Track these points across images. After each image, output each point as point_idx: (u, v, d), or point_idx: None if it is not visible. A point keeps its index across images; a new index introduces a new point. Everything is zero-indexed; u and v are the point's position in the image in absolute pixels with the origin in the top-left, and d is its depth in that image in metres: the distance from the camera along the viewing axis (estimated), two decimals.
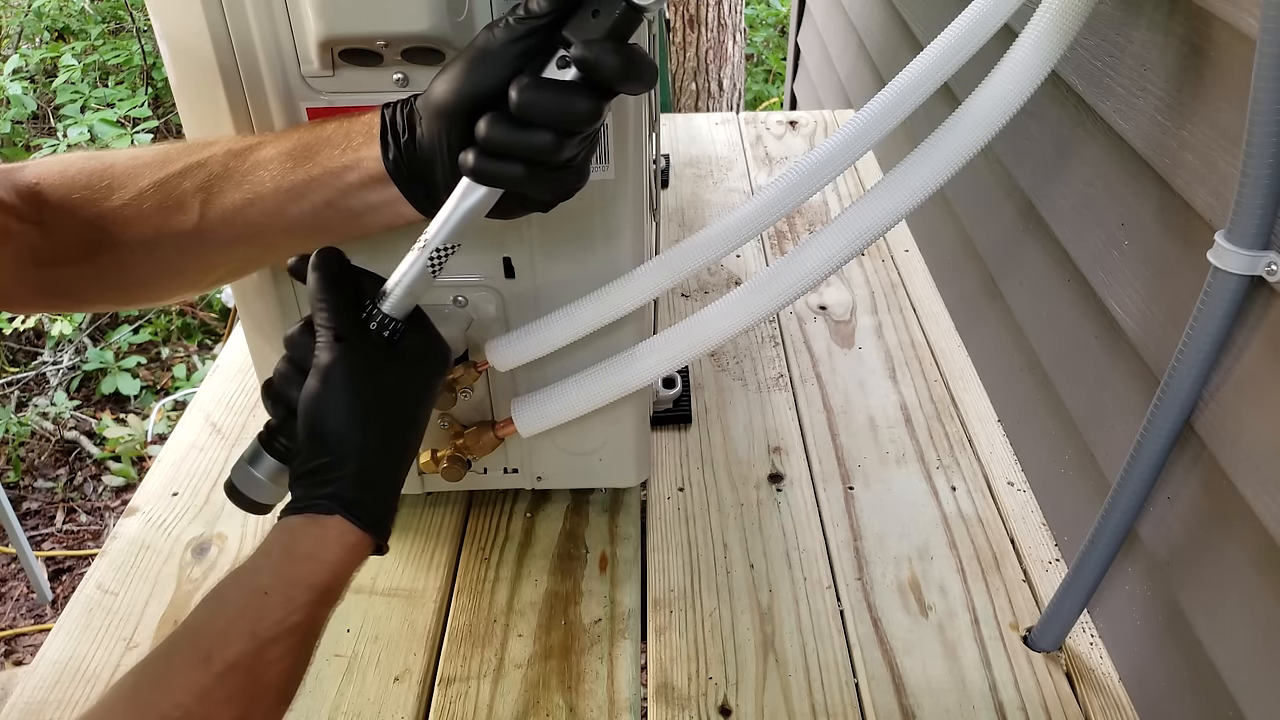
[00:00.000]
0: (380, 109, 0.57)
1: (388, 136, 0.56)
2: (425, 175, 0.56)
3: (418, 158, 0.56)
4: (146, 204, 0.57)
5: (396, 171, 0.56)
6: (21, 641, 1.92)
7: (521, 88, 0.51)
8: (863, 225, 0.66)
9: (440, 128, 0.54)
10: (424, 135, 0.55)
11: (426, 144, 0.55)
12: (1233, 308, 0.55)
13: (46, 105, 3.22)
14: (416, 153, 0.56)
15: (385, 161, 0.56)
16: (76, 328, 2.57)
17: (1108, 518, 0.66)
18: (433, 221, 0.57)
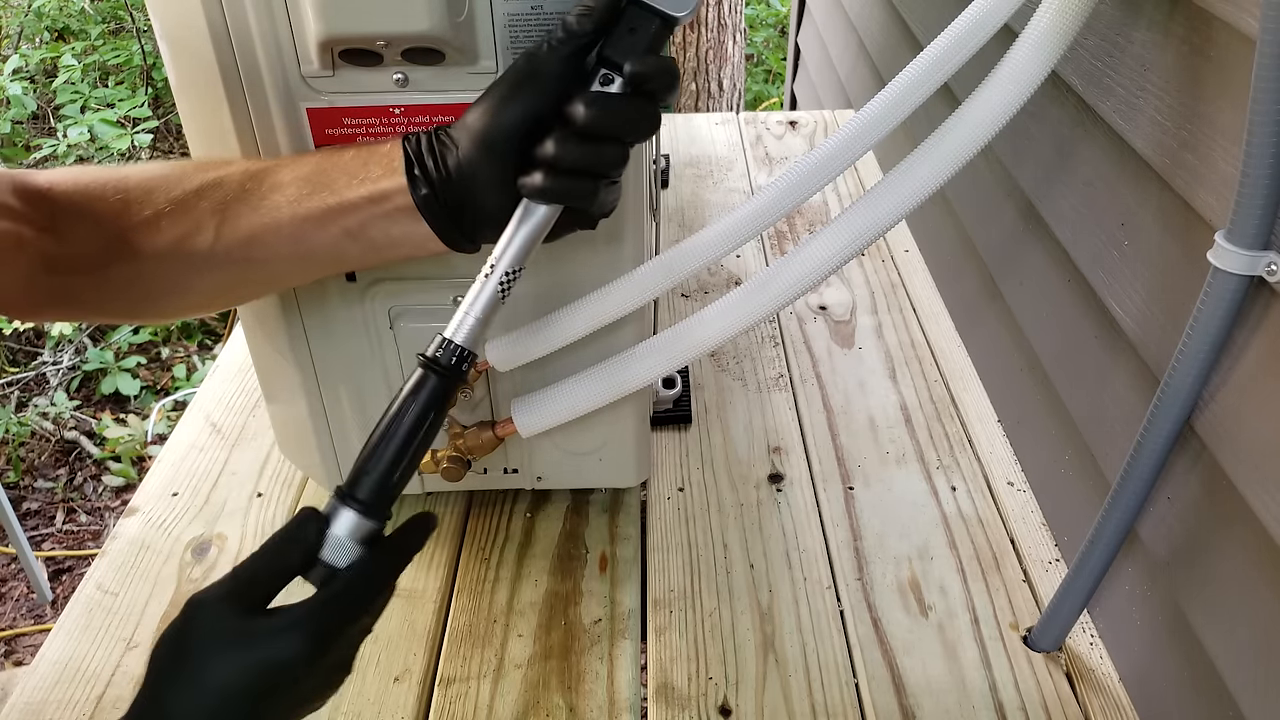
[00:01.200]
0: (400, 140, 0.57)
1: (415, 170, 0.56)
2: (463, 207, 0.56)
3: (455, 190, 0.56)
4: (164, 220, 0.57)
5: (428, 206, 0.56)
6: (21, 641, 1.92)
7: (589, 104, 0.53)
8: (863, 225, 0.66)
9: (487, 156, 0.54)
10: (464, 165, 0.55)
11: (468, 174, 0.55)
12: (1233, 308, 0.55)
13: (46, 105, 3.22)
14: (453, 185, 0.55)
15: (415, 197, 0.56)
16: (77, 328, 2.56)
17: (1108, 518, 0.66)
18: (497, 246, 0.57)
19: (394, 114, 0.63)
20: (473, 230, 0.58)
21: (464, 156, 0.55)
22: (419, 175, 0.56)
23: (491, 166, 0.55)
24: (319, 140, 0.64)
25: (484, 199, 0.56)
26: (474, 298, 0.57)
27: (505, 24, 0.60)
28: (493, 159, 0.54)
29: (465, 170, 0.55)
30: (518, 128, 0.54)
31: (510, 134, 0.54)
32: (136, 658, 0.75)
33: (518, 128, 0.54)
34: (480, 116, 0.55)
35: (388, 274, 0.71)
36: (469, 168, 0.55)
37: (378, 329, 0.74)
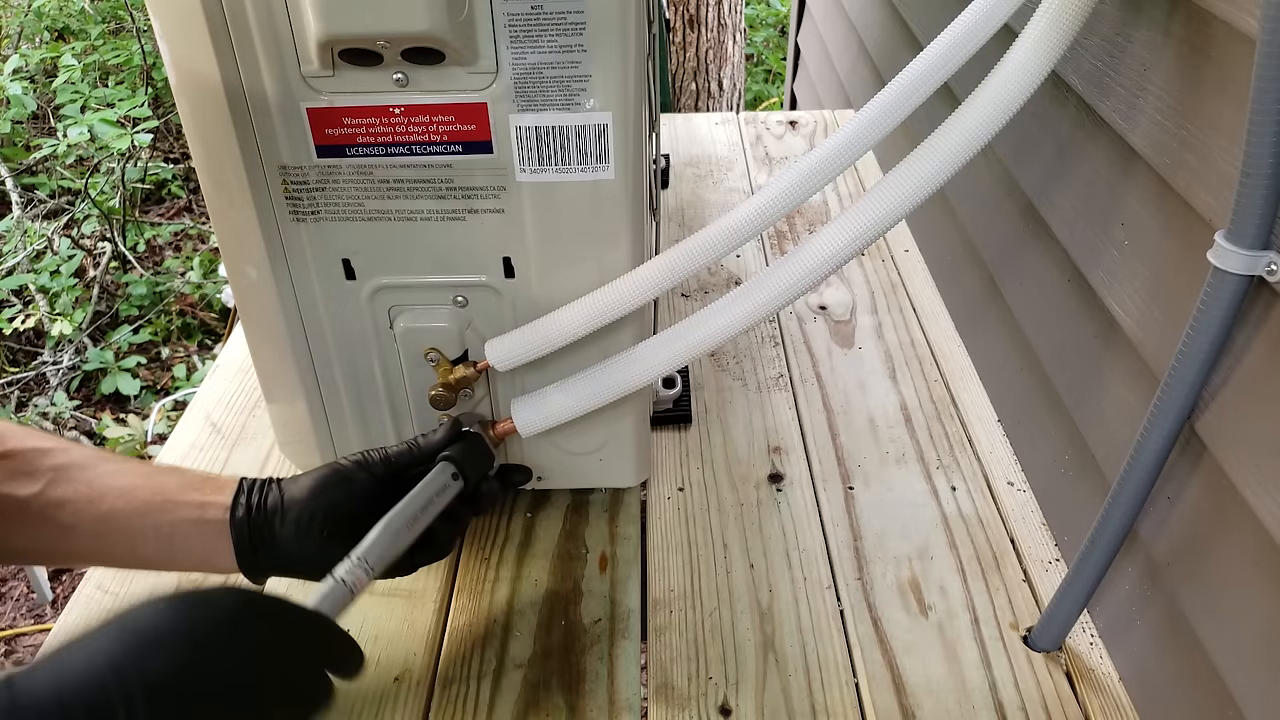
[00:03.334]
0: (239, 479, 0.67)
1: (241, 497, 0.66)
2: (263, 544, 0.65)
3: (262, 527, 0.65)
4: (1, 460, 0.61)
5: (237, 528, 0.65)
6: (21, 641, 1.92)
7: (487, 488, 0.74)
8: (863, 225, 0.66)
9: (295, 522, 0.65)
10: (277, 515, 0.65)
11: (277, 522, 0.65)
12: (1233, 308, 0.55)
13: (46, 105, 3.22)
14: (264, 523, 0.65)
15: (233, 517, 0.65)
16: (77, 328, 2.57)
17: (1108, 518, 0.66)
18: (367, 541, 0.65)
19: (394, 114, 0.63)
20: (264, 565, 0.66)
21: (284, 507, 0.65)
22: (242, 502, 0.65)
23: (295, 528, 0.65)
24: (319, 140, 0.65)
25: (284, 547, 0.65)
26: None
27: (505, 24, 0.60)
28: (298, 525, 0.65)
29: (276, 517, 0.65)
30: (321, 512, 0.65)
31: (314, 515, 0.65)
32: None
33: (321, 512, 0.65)
34: (303, 487, 0.66)
35: (388, 274, 0.71)
36: (279, 519, 0.65)
37: (377, 329, 0.74)
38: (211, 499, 0.65)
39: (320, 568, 0.66)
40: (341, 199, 0.67)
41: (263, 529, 0.65)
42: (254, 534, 0.65)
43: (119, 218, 2.90)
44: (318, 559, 0.66)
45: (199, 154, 0.68)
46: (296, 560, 0.66)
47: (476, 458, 0.73)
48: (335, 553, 0.65)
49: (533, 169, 0.66)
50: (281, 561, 0.66)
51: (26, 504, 0.61)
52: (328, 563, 0.65)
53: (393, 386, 0.78)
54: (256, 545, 0.65)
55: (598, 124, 0.64)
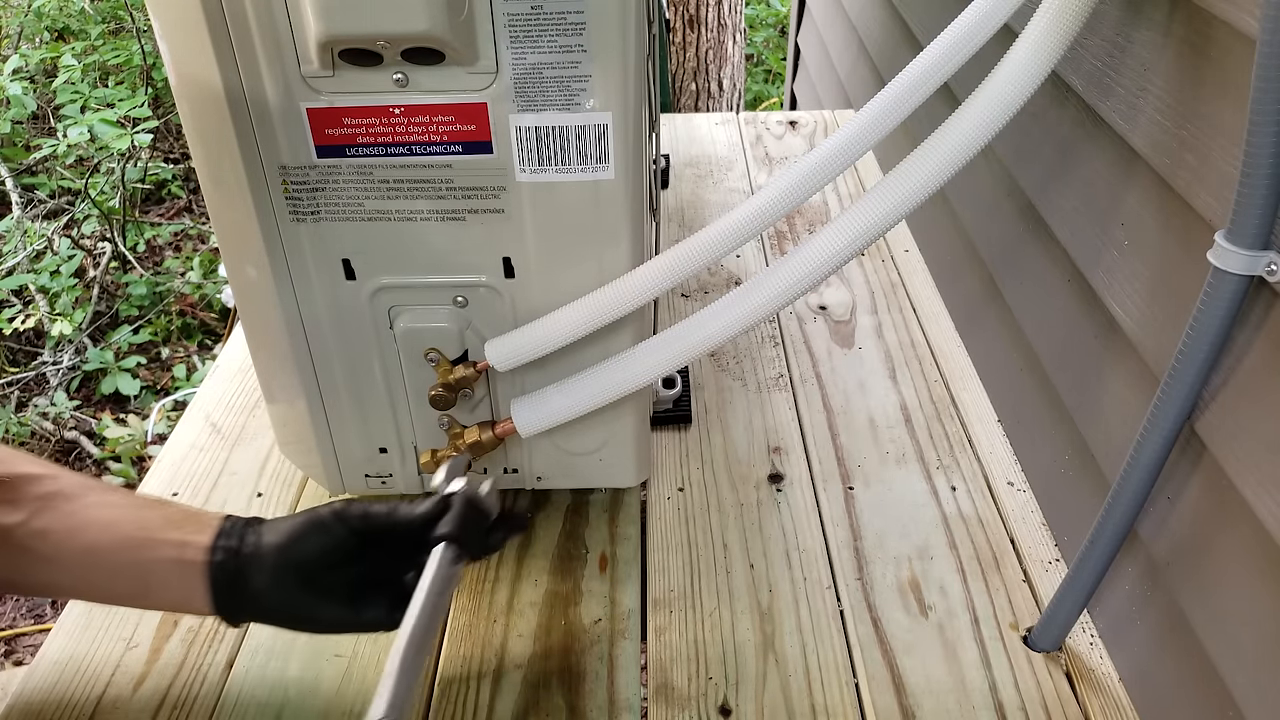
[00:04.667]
0: (224, 516, 0.65)
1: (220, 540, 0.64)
2: (241, 588, 0.63)
3: (241, 572, 0.63)
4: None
5: (212, 572, 0.63)
6: (21, 641, 1.92)
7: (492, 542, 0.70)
8: (863, 225, 0.66)
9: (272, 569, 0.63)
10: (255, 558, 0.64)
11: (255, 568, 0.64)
12: (1233, 308, 0.55)
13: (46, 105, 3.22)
14: (242, 567, 0.63)
15: (211, 559, 0.63)
16: (77, 328, 2.56)
17: (1108, 518, 0.66)
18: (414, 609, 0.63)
19: (394, 114, 0.63)
20: (242, 610, 0.65)
21: (260, 554, 0.64)
22: (221, 545, 0.63)
23: (271, 577, 0.63)
24: (319, 140, 0.65)
25: (257, 596, 0.63)
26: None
27: (505, 24, 0.60)
28: (274, 575, 0.63)
29: (252, 565, 0.63)
30: (294, 563, 0.64)
31: (288, 565, 0.64)
32: (136, 657, 0.75)
33: (294, 563, 0.64)
34: (280, 534, 0.64)
35: (388, 274, 0.71)
36: (255, 567, 0.63)
37: (377, 329, 0.74)
38: (191, 539, 0.63)
39: (294, 617, 0.66)
40: (341, 199, 0.67)
41: (239, 576, 0.63)
42: (231, 581, 0.63)
43: (119, 218, 2.90)
44: (291, 610, 0.65)
45: (199, 154, 0.68)
46: (272, 610, 0.65)
47: (474, 524, 0.67)
48: (307, 605, 0.64)
49: (533, 169, 0.66)
50: (257, 610, 0.65)
51: (9, 533, 0.61)
52: (301, 615, 0.65)
53: (393, 386, 0.78)
54: (233, 592, 0.63)
55: (598, 124, 0.64)
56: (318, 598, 0.64)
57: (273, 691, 0.73)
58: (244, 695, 0.72)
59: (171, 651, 0.76)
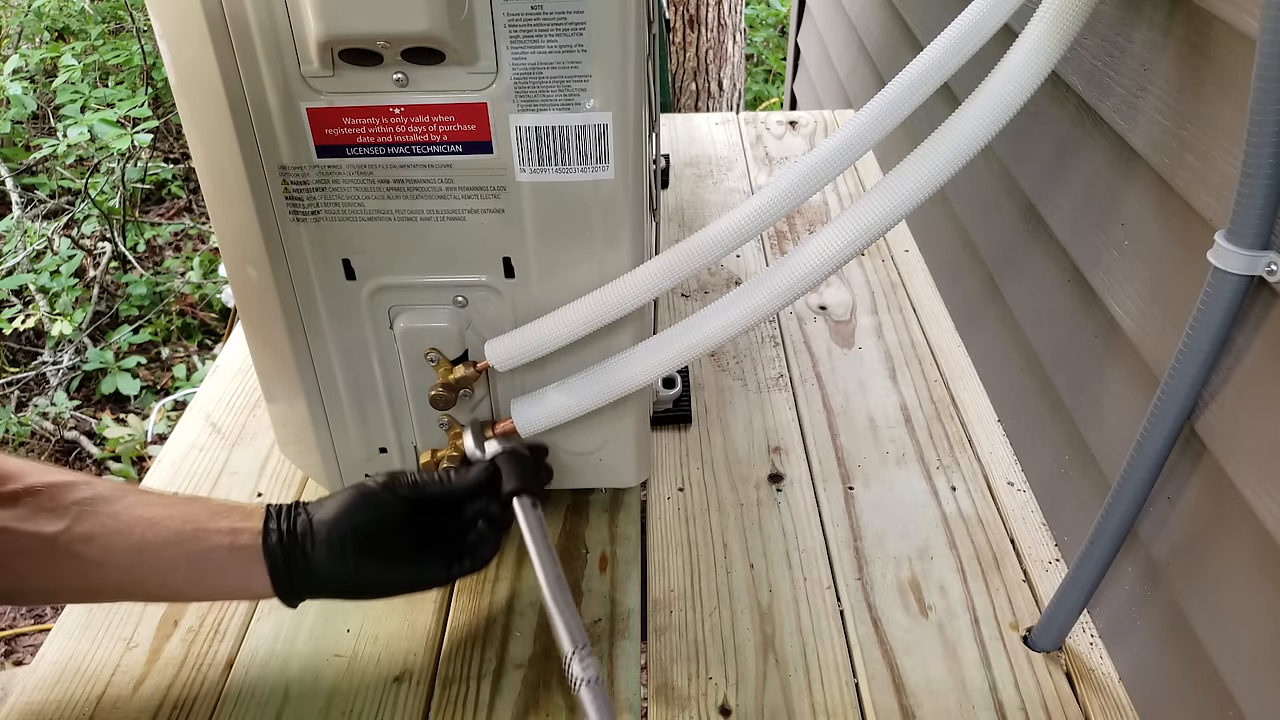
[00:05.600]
0: (265, 505, 0.67)
1: (271, 523, 0.66)
2: (297, 565, 0.65)
3: (297, 549, 0.65)
4: (25, 496, 0.61)
5: (270, 553, 0.65)
6: (21, 641, 1.92)
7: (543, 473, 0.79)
8: (863, 225, 0.66)
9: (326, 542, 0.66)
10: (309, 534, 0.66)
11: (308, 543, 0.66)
12: (1233, 308, 0.55)
13: (46, 105, 3.22)
14: (297, 545, 0.65)
15: (266, 542, 0.65)
16: (77, 328, 2.57)
17: (1108, 518, 0.66)
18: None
19: (394, 114, 0.63)
20: (299, 588, 0.66)
21: (313, 530, 0.66)
22: (273, 528, 0.65)
23: (327, 549, 0.65)
24: (319, 140, 0.65)
25: (316, 569, 0.65)
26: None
27: (505, 24, 0.60)
28: (329, 547, 0.65)
29: (307, 541, 0.65)
30: (351, 532, 0.66)
31: (344, 536, 0.66)
32: (136, 658, 0.75)
33: (351, 532, 0.66)
34: (331, 510, 0.66)
35: (388, 274, 0.71)
36: (310, 542, 0.65)
37: (378, 329, 0.74)
38: (241, 525, 0.65)
39: (352, 587, 0.68)
40: (341, 199, 0.67)
41: (295, 553, 0.65)
42: (287, 558, 0.65)
43: (119, 218, 2.90)
44: (351, 579, 0.67)
45: (199, 154, 0.68)
46: (330, 581, 0.67)
47: (530, 471, 0.75)
48: (367, 571, 0.66)
49: (533, 169, 0.66)
50: (315, 584, 0.67)
51: (53, 541, 0.61)
52: (361, 582, 0.67)
53: (393, 386, 0.78)
54: (291, 569, 0.65)
55: (598, 124, 0.64)
56: (375, 564, 0.66)
57: (273, 691, 0.73)
58: (244, 695, 0.73)
59: (171, 651, 0.76)
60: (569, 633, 0.65)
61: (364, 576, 0.67)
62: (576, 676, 0.63)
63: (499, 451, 0.75)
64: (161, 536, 0.63)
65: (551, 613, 0.66)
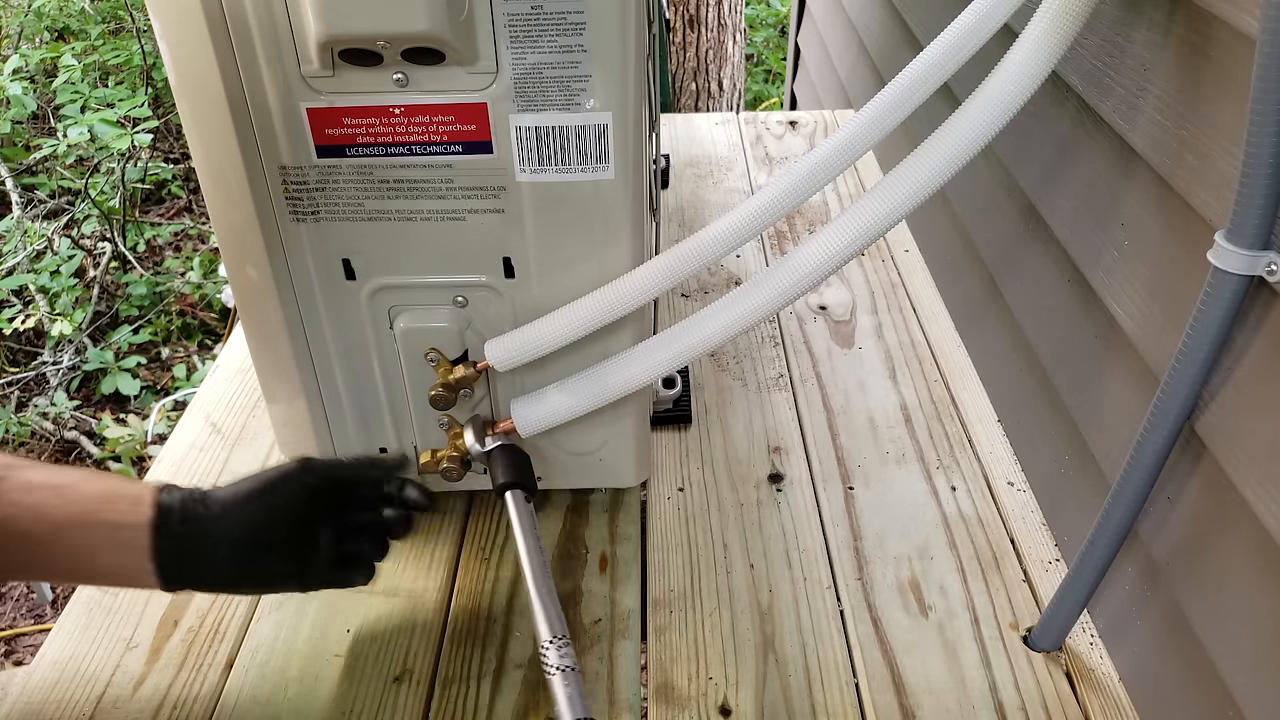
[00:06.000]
0: (154, 488, 0.63)
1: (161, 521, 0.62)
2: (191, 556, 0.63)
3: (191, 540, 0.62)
4: None
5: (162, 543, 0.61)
6: (21, 641, 1.92)
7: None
8: (863, 225, 0.66)
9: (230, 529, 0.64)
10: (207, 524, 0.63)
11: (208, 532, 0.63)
12: (1233, 308, 0.55)
13: (46, 105, 3.21)
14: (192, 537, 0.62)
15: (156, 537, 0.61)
16: (77, 328, 2.56)
17: (1108, 518, 0.66)
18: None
19: (394, 114, 0.63)
20: (188, 580, 0.64)
21: (215, 518, 0.63)
22: (167, 514, 0.62)
23: (229, 544, 0.63)
24: (319, 140, 0.65)
25: (213, 561, 0.63)
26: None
27: (505, 24, 0.60)
28: (232, 540, 0.63)
29: (205, 534, 0.63)
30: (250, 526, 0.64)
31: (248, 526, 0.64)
32: (136, 658, 0.75)
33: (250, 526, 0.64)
34: (234, 498, 0.64)
35: (388, 274, 0.71)
36: (208, 536, 0.63)
37: (377, 329, 0.74)
38: (127, 516, 0.62)
39: (249, 582, 0.67)
40: (341, 199, 0.67)
41: (187, 543, 0.62)
42: (179, 556, 0.62)
43: (119, 218, 2.90)
44: (249, 573, 0.66)
45: (199, 154, 0.68)
46: (226, 573, 0.65)
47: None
48: (267, 565, 0.65)
49: (533, 169, 0.66)
50: (209, 576, 0.65)
51: None
52: (259, 575, 0.66)
53: (393, 386, 0.78)
54: (183, 560, 0.62)
55: (598, 124, 0.64)
56: (274, 559, 0.65)
57: (273, 691, 0.73)
58: (244, 695, 0.73)
59: (171, 651, 0.76)
60: (548, 622, 0.65)
61: (260, 571, 0.66)
62: (551, 664, 0.63)
63: (497, 446, 0.76)
64: (44, 529, 0.60)
65: (533, 601, 0.67)
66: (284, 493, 0.65)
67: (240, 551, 0.64)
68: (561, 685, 0.62)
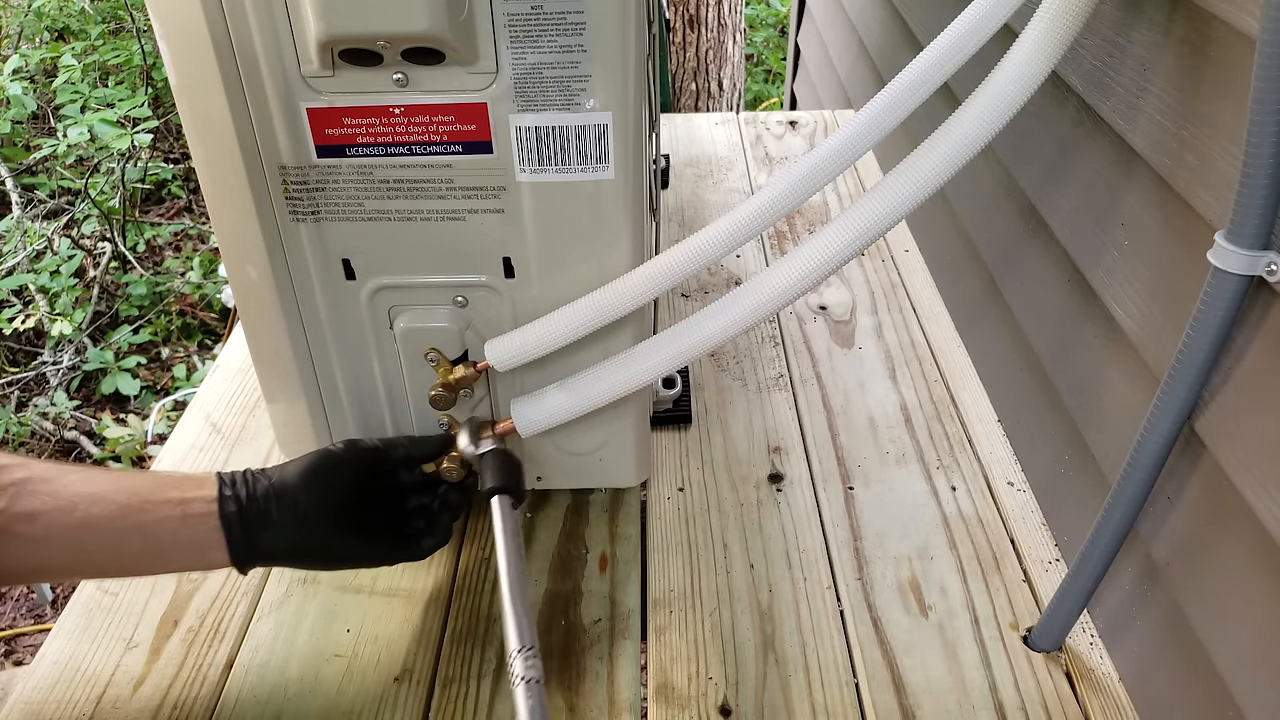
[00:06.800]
0: (214, 473, 0.65)
1: (227, 490, 0.64)
2: (257, 530, 0.65)
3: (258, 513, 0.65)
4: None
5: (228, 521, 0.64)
6: (21, 641, 1.92)
7: None
8: (863, 225, 0.66)
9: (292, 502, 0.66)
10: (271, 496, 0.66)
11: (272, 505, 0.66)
12: (1233, 308, 0.55)
13: (46, 105, 3.22)
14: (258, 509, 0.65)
15: (222, 509, 0.64)
16: (77, 328, 2.57)
17: (1108, 518, 0.66)
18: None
19: (394, 114, 0.63)
20: (257, 557, 0.66)
21: (276, 494, 0.65)
22: (229, 494, 0.64)
23: (293, 514, 0.65)
24: (319, 140, 0.65)
25: (279, 534, 0.65)
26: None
27: (505, 24, 0.60)
28: (295, 511, 0.65)
29: (271, 505, 0.65)
30: (316, 497, 0.66)
31: (309, 500, 0.66)
32: (136, 658, 0.75)
33: (316, 497, 0.66)
34: (294, 474, 0.66)
35: (388, 274, 0.71)
36: (274, 506, 0.65)
37: (377, 329, 0.74)
38: (192, 495, 0.64)
39: (317, 554, 0.68)
40: (341, 199, 0.67)
41: (254, 519, 0.64)
42: (245, 525, 0.64)
43: (119, 218, 2.90)
44: (316, 544, 0.67)
45: (199, 154, 0.68)
46: (294, 546, 0.67)
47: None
48: (333, 536, 0.67)
49: (533, 169, 0.66)
50: (277, 549, 0.66)
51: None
52: (326, 547, 0.67)
53: (393, 386, 0.78)
54: (249, 536, 0.64)
55: (598, 124, 0.64)
56: (339, 531, 0.67)
57: (273, 691, 0.73)
58: (244, 695, 0.73)
59: (171, 651, 0.76)
60: (518, 631, 0.65)
61: (327, 542, 0.67)
62: (517, 674, 0.63)
63: (490, 450, 0.76)
64: (108, 511, 0.61)
65: (505, 609, 0.66)
66: (329, 471, 0.67)
67: (303, 526, 0.65)
68: (524, 696, 0.61)
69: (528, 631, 0.65)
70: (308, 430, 0.80)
